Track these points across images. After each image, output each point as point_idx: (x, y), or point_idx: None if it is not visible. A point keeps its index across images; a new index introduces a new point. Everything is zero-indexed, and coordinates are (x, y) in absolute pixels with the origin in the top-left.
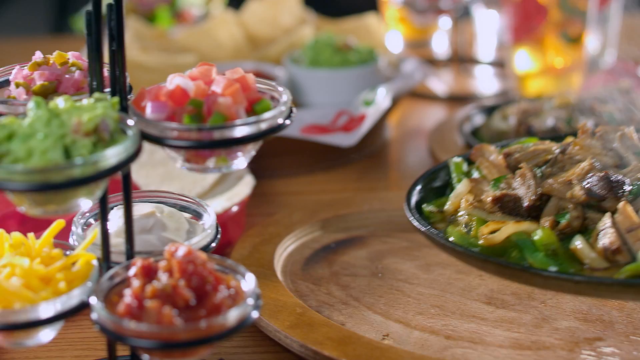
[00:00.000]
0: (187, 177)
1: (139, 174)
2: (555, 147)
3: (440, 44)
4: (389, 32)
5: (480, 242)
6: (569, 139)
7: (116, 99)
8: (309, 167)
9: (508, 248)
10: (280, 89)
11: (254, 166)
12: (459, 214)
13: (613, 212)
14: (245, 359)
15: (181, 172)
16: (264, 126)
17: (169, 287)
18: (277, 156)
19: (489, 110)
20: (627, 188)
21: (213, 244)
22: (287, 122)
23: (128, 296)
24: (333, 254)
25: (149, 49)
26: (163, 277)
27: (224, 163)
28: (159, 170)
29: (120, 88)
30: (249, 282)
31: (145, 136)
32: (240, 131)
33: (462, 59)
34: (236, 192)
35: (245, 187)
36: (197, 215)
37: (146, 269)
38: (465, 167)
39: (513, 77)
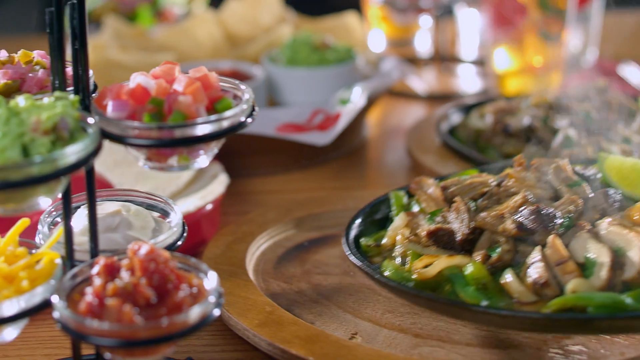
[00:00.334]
0: (162, 176)
1: (114, 172)
2: (492, 180)
3: (423, 43)
4: (371, 30)
5: (414, 276)
6: (507, 171)
7: (76, 97)
8: (286, 166)
9: (441, 282)
10: (243, 87)
11: (231, 165)
12: (396, 248)
13: (543, 246)
14: (215, 358)
15: (157, 171)
16: (225, 124)
17: (130, 286)
18: (254, 155)
19: (467, 109)
20: (557, 221)
21: (179, 242)
22: (249, 120)
23: (89, 294)
24: (306, 253)
25: (128, 48)
26: (125, 276)
27: (185, 162)
28: (134, 169)
29: (83, 87)
30: (211, 280)
31: (106, 135)
32: (200, 129)
33: (443, 58)
34: (210, 191)
35: (219, 185)
36: (165, 214)
37: (109, 268)
38: (405, 199)
39: (493, 76)
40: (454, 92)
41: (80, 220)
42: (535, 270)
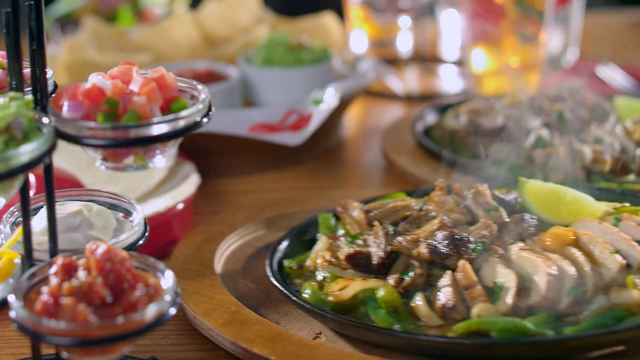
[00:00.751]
0: (133, 176)
1: (86, 173)
2: (415, 204)
3: (404, 43)
4: (353, 31)
5: (330, 298)
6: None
7: (31, 98)
8: (261, 165)
9: (356, 304)
10: (200, 87)
11: (205, 165)
12: (317, 270)
13: (455, 270)
14: (180, 357)
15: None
16: (180, 124)
17: (85, 285)
18: (228, 155)
19: (444, 109)
20: (470, 246)
21: (140, 242)
22: (205, 120)
23: (45, 294)
24: None
25: (106, 49)
26: (81, 275)
27: (142, 161)
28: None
29: (41, 87)
30: (168, 280)
31: (62, 135)
32: (155, 129)
33: (424, 58)
34: (181, 191)
35: (190, 185)
36: (128, 214)
37: (67, 267)
38: (333, 222)
39: (471, 76)
40: (434, 92)
41: (41, 219)
42: (444, 294)
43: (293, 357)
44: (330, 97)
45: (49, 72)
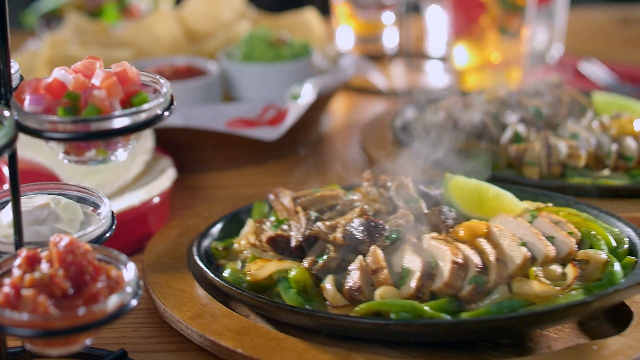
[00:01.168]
0: (110, 170)
1: (63, 167)
2: (343, 194)
3: (390, 40)
4: (339, 27)
5: (248, 278)
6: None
7: None
8: (241, 160)
9: (272, 284)
10: (163, 81)
11: (186, 160)
12: (243, 251)
13: (366, 255)
14: (149, 349)
15: (106, 166)
16: (141, 118)
17: (47, 277)
18: (208, 150)
19: (424, 105)
20: (384, 233)
21: (107, 234)
22: (166, 113)
23: (7, 286)
24: None
25: (88, 44)
26: (44, 267)
27: (104, 155)
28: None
29: (5, 81)
30: (130, 272)
31: (24, 129)
32: (116, 123)
33: (407, 54)
34: (156, 185)
35: (166, 180)
36: (96, 207)
37: (30, 259)
38: (267, 208)
39: (453, 72)
40: (417, 88)
41: (8, 212)
42: (352, 277)
43: (259, 350)
44: (307, 93)
45: (15, 67)
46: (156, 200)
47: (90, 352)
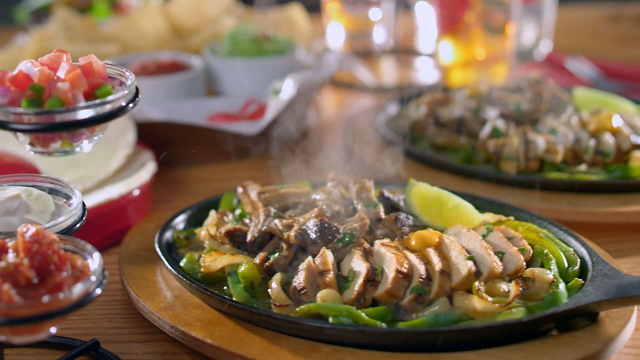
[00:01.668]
0: (92, 164)
1: (45, 161)
2: (307, 193)
3: (379, 36)
4: (330, 23)
5: (202, 269)
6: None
7: None
8: (224, 155)
9: (225, 277)
10: (128, 74)
11: (168, 154)
12: (204, 242)
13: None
14: (122, 340)
15: (87, 159)
16: (105, 109)
17: (12, 266)
18: (191, 144)
19: (408, 101)
20: (337, 236)
21: (77, 225)
22: (131, 105)
23: None
24: None
25: (75, 40)
26: (10, 257)
27: (69, 146)
28: (67, 157)
29: None
30: (95, 261)
31: None
32: (80, 114)
33: (396, 51)
34: (136, 179)
35: (145, 173)
36: (68, 199)
37: None
38: (236, 201)
39: (440, 68)
40: (408, 84)
41: None
42: (298, 277)
43: (228, 340)
44: (288, 88)
45: None
46: (136, 193)
47: (64, 341)
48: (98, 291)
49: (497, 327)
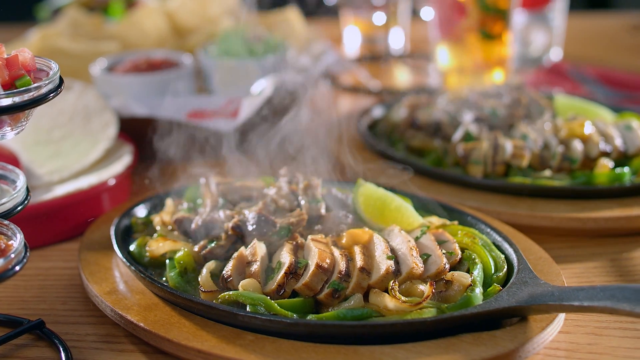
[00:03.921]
0: (71, 155)
1: (31, 151)
2: (262, 187)
3: (389, 40)
4: (346, 27)
5: (147, 254)
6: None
7: None
8: (214, 151)
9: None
10: (53, 65)
11: (150, 149)
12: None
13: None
14: (70, 321)
15: (69, 151)
16: (24, 98)
17: None
18: (173, 139)
19: (392, 103)
20: (273, 229)
21: (19, 208)
22: (51, 95)
23: None
24: None
25: (79, 37)
26: None
27: None
28: (50, 148)
29: None
30: (18, 241)
31: None
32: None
33: (403, 55)
34: (109, 170)
35: (119, 166)
36: (14, 183)
37: None
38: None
39: (437, 73)
40: (413, 87)
41: None
42: (228, 266)
43: (159, 325)
44: (267, 88)
45: None
46: (111, 183)
47: (12, 319)
48: (17, 268)
49: (398, 325)
